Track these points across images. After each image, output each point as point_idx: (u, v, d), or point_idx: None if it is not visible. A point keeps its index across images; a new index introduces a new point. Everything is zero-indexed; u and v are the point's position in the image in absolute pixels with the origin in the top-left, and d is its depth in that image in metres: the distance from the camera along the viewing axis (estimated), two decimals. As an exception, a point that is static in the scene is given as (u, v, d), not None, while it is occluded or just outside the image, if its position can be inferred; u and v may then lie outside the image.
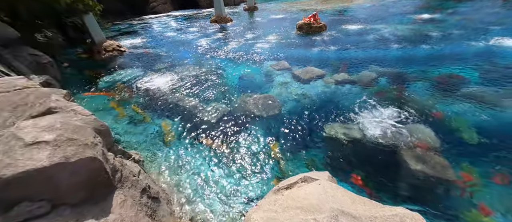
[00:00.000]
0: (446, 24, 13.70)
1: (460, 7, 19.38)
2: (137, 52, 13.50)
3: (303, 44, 12.39)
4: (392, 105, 5.69)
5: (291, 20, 20.64)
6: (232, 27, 19.86)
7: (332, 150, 4.63)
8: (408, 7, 22.09)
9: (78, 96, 7.79)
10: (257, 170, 4.30)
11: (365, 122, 5.18)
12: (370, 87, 6.83)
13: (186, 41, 15.71)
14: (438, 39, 10.97)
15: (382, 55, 9.55)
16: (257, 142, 5.04)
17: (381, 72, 7.70)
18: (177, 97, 7.33)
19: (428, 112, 5.37)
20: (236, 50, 12.25)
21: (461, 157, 4.08)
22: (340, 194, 1.52)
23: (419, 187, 3.66)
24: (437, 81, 6.78)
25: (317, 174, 2.63)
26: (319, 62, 9.37)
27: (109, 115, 6.59)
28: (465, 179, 3.65)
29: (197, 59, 11.30)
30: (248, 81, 8.23)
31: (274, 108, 6.18)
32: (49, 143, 1.88)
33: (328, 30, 14.90)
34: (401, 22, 15.59)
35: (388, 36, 12.37)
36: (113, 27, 24.91)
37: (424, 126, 4.88)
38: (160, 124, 6.02)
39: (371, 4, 26.55)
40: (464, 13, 16.56)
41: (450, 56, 8.65)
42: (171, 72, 9.63)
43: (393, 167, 4.08)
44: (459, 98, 5.80)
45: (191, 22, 24.84)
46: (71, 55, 13.09)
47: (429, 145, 4.35)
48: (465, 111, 5.33)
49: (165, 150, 5.01)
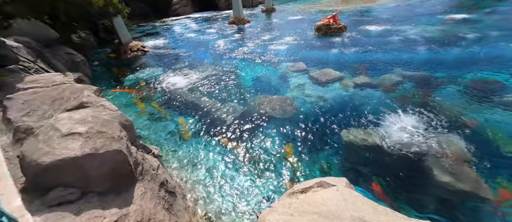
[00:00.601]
0: (482, 25, 12.50)
1: (500, 6, 17.59)
2: (159, 52, 14.19)
3: (321, 46, 12.11)
4: (418, 111, 5.32)
5: (309, 21, 20.29)
6: (250, 29, 20.04)
7: (350, 156, 4.46)
8: (438, 6, 20.56)
9: (106, 92, 8.39)
10: (270, 170, 4.28)
11: (386, 128, 4.90)
12: (393, 92, 6.45)
13: (205, 42, 16.18)
14: (472, 41, 10.05)
15: (407, 57, 8.98)
16: (272, 143, 5.02)
17: (406, 76, 7.25)
18: (195, 96, 7.56)
19: (459, 119, 4.93)
20: (252, 51, 12.33)
21: (497, 171, 3.69)
22: (360, 202, 1.45)
23: (446, 200, 3.38)
24: (470, 87, 6.21)
25: (334, 179, 2.54)
26: (337, 64, 9.08)
27: (132, 111, 7.00)
28: (502, 197, 3.28)
29: (215, 59, 11.57)
30: (264, 83, 8.24)
31: (289, 110, 6.10)
32: (82, 134, 2.05)
33: (348, 31, 14.40)
34: (429, 22, 14.54)
35: (415, 38, 11.61)
36: (138, 28, 26.48)
37: (454, 134, 4.50)
38: (178, 121, 6.25)
39: (395, 4, 25.17)
40: (505, 13, 14.99)
41: (486, 59, 7.87)
42: (190, 72, 9.97)
43: (417, 177, 3.81)
44: (496, 106, 5.25)
45: (210, 23, 25.54)
46: (100, 54, 14.16)
47: (460, 155, 3.99)
48: (503, 120, 4.81)
49: (183, 146, 5.19)
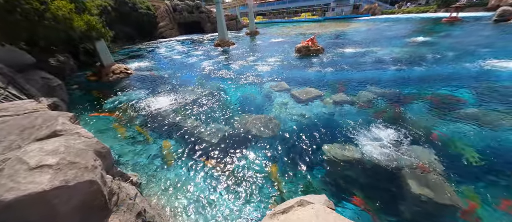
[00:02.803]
0: (439, 47, 14.22)
1: (453, 30, 20.25)
2: (143, 74, 14.09)
3: (301, 66, 12.87)
4: (391, 126, 5.73)
5: (290, 43, 21.69)
6: (234, 51, 20.85)
7: (332, 171, 4.59)
8: (402, 30, 23.15)
9: (84, 117, 8.01)
10: (256, 192, 4.23)
11: (364, 143, 5.18)
12: (368, 108, 6.93)
13: (190, 63, 16.44)
14: (432, 61, 11.33)
15: (379, 76, 9.83)
16: (257, 163, 5.03)
17: (379, 93, 7.87)
18: (180, 117, 7.49)
19: (427, 132, 5.38)
20: (237, 72, 12.73)
21: (464, 180, 4.00)
22: (332, 219, 1.53)
23: (422, 211, 3.55)
24: (433, 102, 6.88)
25: (314, 197, 2.61)
26: (317, 83, 9.65)
27: (112, 136, 6.70)
28: (470, 206, 3.53)
29: (200, 80, 11.72)
30: (249, 102, 8.43)
31: (273, 129, 6.25)
32: (52, 166, 1.97)
33: (325, 53, 15.54)
34: (396, 45, 16.25)
35: (384, 58, 12.82)
36: (122, 51, 26.33)
37: (424, 147, 4.86)
38: (161, 145, 6.08)
39: (366, 28, 27.92)
40: (457, 36, 17.26)
41: (444, 77, 8.87)
42: (174, 93, 9.95)
43: (395, 189, 4.00)
44: (457, 119, 5.83)
45: (195, 46, 26.20)
46: (80, 77, 13.72)
47: (430, 167, 4.29)
48: (464, 132, 5.33)
49: (165, 170, 5.00)
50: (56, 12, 8.78)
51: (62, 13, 8.98)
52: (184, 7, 39.65)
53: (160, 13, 38.23)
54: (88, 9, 11.33)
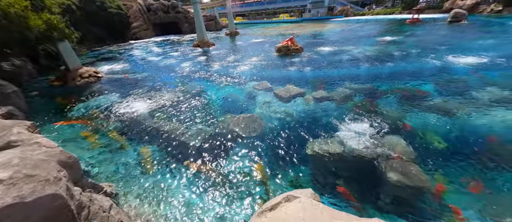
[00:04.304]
0: (405, 45, 15.51)
1: (415, 30, 22.25)
2: (115, 77, 13.12)
3: (282, 65, 13.08)
4: (368, 119, 6.06)
5: (270, 43, 21.96)
6: (215, 51, 20.48)
7: (316, 166, 4.69)
8: (373, 31, 24.82)
9: (48, 126, 7.18)
10: (243, 192, 4.16)
11: (344, 136, 5.40)
12: (346, 103, 7.27)
13: (168, 65, 15.75)
14: (400, 58, 12.32)
15: (354, 73, 10.39)
16: (242, 162, 4.95)
17: (355, 89, 8.30)
18: (159, 121, 7.09)
19: (399, 123, 5.80)
20: (218, 73, 12.50)
21: (433, 164, 4.37)
22: (319, 211, 1.54)
23: (399, 195, 3.79)
24: (403, 95, 7.46)
25: (300, 192, 2.62)
26: (298, 81, 9.87)
27: (81, 145, 6.10)
28: (439, 186, 3.86)
29: (179, 82, 11.27)
30: (232, 102, 8.31)
31: (257, 128, 6.22)
32: (3, 181, 1.69)
33: (305, 52, 16.02)
34: (368, 44, 17.36)
35: (358, 56, 13.61)
36: (91, 53, 24.28)
37: (397, 137, 5.21)
38: (140, 151, 5.69)
39: (341, 29, 29.43)
40: (419, 36, 19.01)
41: (411, 72, 9.69)
42: (152, 96, 9.42)
43: (374, 178, 4.22)
44: (424, 110, 6.39)
45: (173, 47, 25.20)
46: (41, 83, 12.31)
47: (404, 155, 4.61)
48: (430, 121, 5.85)
49: (144, 178, 4.67)
50: (7, 9, 7.75)
51: (15, 11, 7.95)
52: (159, 7, 37.95)
53: (132, 13, 36.08)
54: (47, 7, 10.21)
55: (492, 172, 4.05)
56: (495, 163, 4.24)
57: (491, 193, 3.65)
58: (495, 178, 3.94)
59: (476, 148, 4.70)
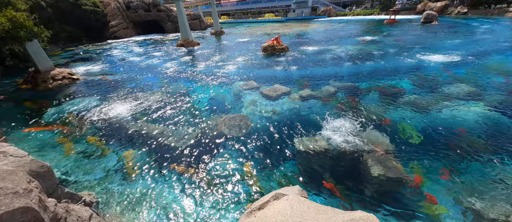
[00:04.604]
0: (383, 45, 16.36)
1: (392, 30, 23.53)
2: (93, 79, 12.36)
3: (269, 65, 13.17)
4: (351, 115, 6.31)
5: (256, 43, 21.99)
6: (200, 51, 20.08)
7: (303, 163, 4.80)
8: (354, 31, 25.85)
9: (16, 133, 6.58)
10: (232, 193, 4.13)
11: (329, 133, 5.57)
12: (331, 101, 7.50)
13: (151, 65, 15.16)
14: (378, 57, 12.96)
15: (338, 71, 10.76)
16: (230, 162, 4.92)
17: (339, 87, 8.60)
18: (142, 124, 6.81)
19: (379, 118, 6.11)
20: (204, 73, 12.28)
21: (410, 156, 4.67)
22: (306, 207, 1.58)
23: (381, 187, 4.00)
24: (382, 92, 7.87)
25: (288, 189, 2.67)
26: (284, 80, 10.01)
27: (56, 152, 5.67)
28: (417, 177, 4.13)
29: (163, 83, 10.90)
30: (219, 102, 8.21)
31: (245, 127, 6.21)
32: (-38, 197, 1.52)
33: (290, 51, 16.26)
34: (349, 43, 18.04)
35: (341, 55, 14.10)
36: (65, 53, 22.63)
37: (378, 131, 5.49)
38: (122, 156, 5.42)
39: (324, 29, 30.28)
40: (396, 35, 20.13)
41: (389, 70, 10.25)
42: (134, 98, 9.01)
43: (357, 171, 4.41)
44: (401, 106, 6.79)
45: (156, 46, 24.30)
46: (7, 86, 11.26)
47: (384, 148, 4.87)
48: (407, 115, 6.23)
49: (127, 185, 4.46)
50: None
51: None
52: (139, 5, 36.33)
53: (110, 11, 34.18)
54: (12, 3, 9.32)
55: (461, 160, 4.42)
56: (464, 152, 4.62)
57: (460, 179, 3.97)
58: (464, 165, 4.30)
59: (447, 139, 5.09)
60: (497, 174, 4.00)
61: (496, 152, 4.55)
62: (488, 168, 4.17)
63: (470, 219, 3.30)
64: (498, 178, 3.91)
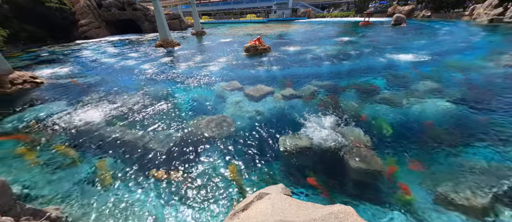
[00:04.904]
0: (359, 45, 17.30)
1: (367, 31, 25.01)
2: (61, 83, 11.34)
3: (251, 65, 13.19)
4: (331, 113, 6.56)
5: (239, 43, 21.92)
6: (180, 51, 19.46)
7: (288, 161, 4.86)
8: (332, 32, 26.99)
9: (-38, 146, 5.76)
10: (216, 196, 4.04)
11: (312, 130, 5.73)
12: (312, 99, 7.73)
13: (127, 67, 14.32)
14: (355, 56, 13.68)
15: (318, 71, 11.13)
16: (214, 165, 4.82)
17: (319, 86, 8.89)
18: (118, 130, 6.38)
19: (357, 115, 6.43)
20: (185, 74, 11.92)
21: (385, 149, 4.97)
22: (287, 205, 1.59)
23: (360, 180, 4.21)
24: (359, 90, 8.31)
25: (272, 188, 2.68)
26: (267, 80, 10.09)
27: (16, 164, 5.08)
28: (390, 168, 4.42)
29: (141, 85, 10.35)
30: (200, 104, 8.01)
31: (228, 128, 6.14)
32: None
33: (272, 51, 16.46)
34: (328, 44, 18.79)
35: (321, 55, 14.62)
36: (26, 55, 20.43)
37: (356, 127, 5.77)
38: (96, 165, 5.03)
39: (304, 30, 31.19)
40: (370, 36, 21.43)
41: (364, 69, 10.86)
42: (108, 102, 8.43)
43: (339, 166, 4.58)
44: (376, 102, 7.22)
45: (132, 47, 23.03)
46: (-48, 92, 9.83)
47: (362, 143, 5.13)
48: (382, 111, 6.64)
49: (103, 195, 4.14)
50: None
51: None
52: (112, 3, 34.17)
53: (79, 8, 31.68)
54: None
55: (429, 151, 4.82)
56: (431, 143, 5.05)
57: (428, 168, 4.33)
58: (432, 155, 4.69)
59: (417, 132, 5.53)
60: (460, 161, 4.43)
61: (458, 141, 5.04)
62: (452, 156, 4.59)
63: (437, 204, 3.60)
64: (460, 165, 4.33)
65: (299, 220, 1.24)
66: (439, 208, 3.53)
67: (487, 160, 4.40)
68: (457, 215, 3.39)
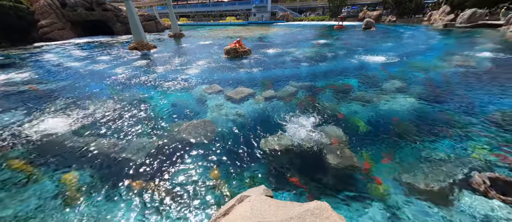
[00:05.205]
0: (334, 47, 18.26)
1: (341, 34, 26.49)
2: (16, 90, 10.11)
3: (232, 67, 13.14)
4: (310, 112, 6.79)
5: (219, 45, 21.72)
6: (157, 54, 18.64)
7: (270, 161, 4.91)
8: (309, 35, 28.09)
9: None
10: (199, 204, 3.91)
11: (292, 131, 5.87)
12: (292, 100, 7.93)
13: (97, 71, 13.29)
14: (331, 58, 14.41)
15: (297, 72, 11.48)
16: (196, 170, 4.67)
17: (299, 86, 9.17)
18: (88, 140, 5.87)
19: (334, 113, 6.75)
20: (163, 77, 11.43)
21: (360, 145, 5.29)
22: (267, 206, 1.60)
23: (338, 175, 4.41)
24: (336, 90, 8.75)
25: (253, 190, 2.68)
26: (248, 82, 10.13)
27: (-41, 187, 4.38)
28: (366, 163, 4.70)
29: (113, 91, 9.67)
30: (181, 108, 7.74)
31: (209, 132, 6.01)
32: None
33: (253, 54, 16.59)
34: (306, 46, 19.51)
35: (299, 57, 15.12)
36: (-29, 59, 17.81)
37: (334, 125, 6.06)
38: (61, 180, 4.55)
39: (283, 33, 32.00)
40: (344, 39, 22.74)
41: (340, 70, 11.49)
42: (76, 110, 7.72)
43: (319, 163, 4.75)
44: (351, 101, 7.67)
45: (103, 50, 21.47)
46: None
47: (340, 140, 5.40)
48: (356, 109, 7.06)
49: (70, 213, 3.76)
50: None
51: None
52: (78, 2, 31.55)
53: (39, 8, 28.66)
54: None
55: (398, 144, 5.25)
56: (399, 137, 5.50)
57: (398, 161, 4.71)
58: (400, 148, 5.11)
59: (387, 127, 5.98)
60: (424, 153, 4.89)
61: (422, 134, 5.56)
62: (418, 149, 5.05)
63: (406, 192, 3.92)
64: (425, 155, 4.78)
65: (277, 220, 1.26)
66: (408, 195, 3.85)
67: (445, 150, 4.93)
68: (422, 200, 3.73)
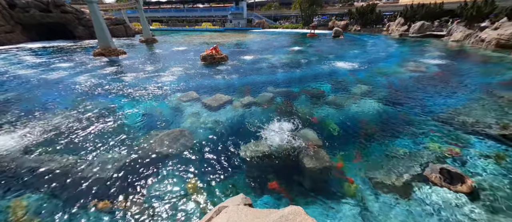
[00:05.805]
0: (307, 54, 19.27)
1: (313, 42, 28.11)
2: None
3: (209, 74, 12.95)
4: (287, 117, 7.01)
5: (195, 51, 21.28)
6: (127, 61, 17.47)
7: (249, 169, 4.91)
8: (284, 42, 29.23)
9: None
10: (174, 219, 3.71)
11: (270, 136, 5.98)
12: (270, 106, 8.11)
13: (54, 80, 11.91)
14: (305, 64, 15.17)
15: (274, 78, 11.81)
16: (171, 184, 4.44)
17: (276, 92, 9.42)
18: (42, 158, 5.17)
19: (309, 117, 7.08)
20: (134, 85, 10.73)
21: (333, 146, 5.61)
22: (244, 215, 1.61)
23: (314, 177, 4.61)
24: (309, 95, 9.21)
25: (231, 200, 2.65)
26: (226, 89, 10.07)
27: None
28: (339, 164, 5.00)
29: (74, 101, 8.75)
30: (153, 119, 7.33)
31: (186, 142, 5.79)
32: None
33: (230, 60, 16.60)
34: (282, 53, 20.24)
35: (275, 63, 15.59)
36: None
37: (309, 129, 6.34)
38: (9, 207, 3.92)
39: (260, 39, 32.75)
40: (316, 46, 24.17)
41: (313, 76, 12.15)
42: (27, 124, 6.78)
43: (296, 166, 4.91)
44: (324, 105, 8.14)
45: (63, 56, 19.38)
46: None
47: (315, 143, 5.66)
48: (329, 112, 7.51)
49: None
50: None
51: None
52: (31, 3, 28.18)
53: (-20, 7, 24.81)
54: None
55: (366, 144, 5.70)
56: (367, 137, 5.99)
57: (366, 159, 5.11)
58: (368, 148, 5.56)
59: (356, 129, 6.47)
60: (389, 151, 5.39)
61: (387, 134, 6.14)
62: (383, 147, 5.55)
63: (374, 188, 4.27)
64: (389, 153, 5.27)
65: (252, 230, 1.28)
66: (375, 191, 4.19)
67: (405, 147, 5.51)
68: (387, 194, 4.09)
